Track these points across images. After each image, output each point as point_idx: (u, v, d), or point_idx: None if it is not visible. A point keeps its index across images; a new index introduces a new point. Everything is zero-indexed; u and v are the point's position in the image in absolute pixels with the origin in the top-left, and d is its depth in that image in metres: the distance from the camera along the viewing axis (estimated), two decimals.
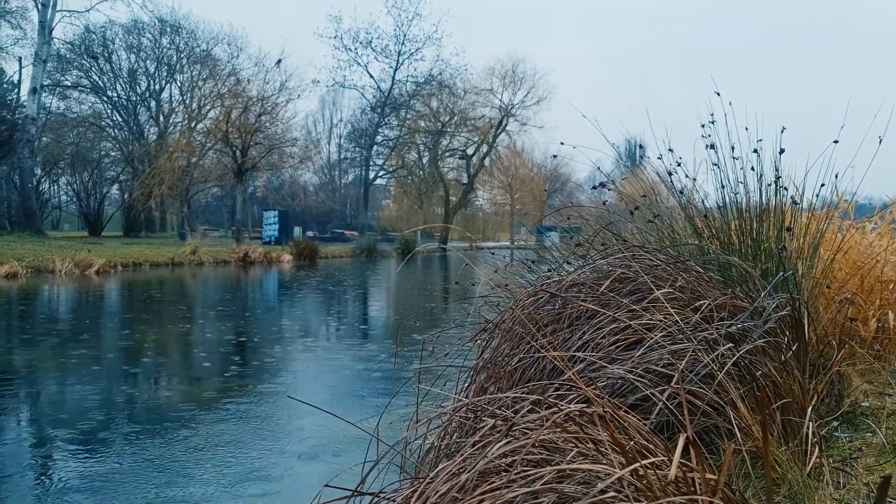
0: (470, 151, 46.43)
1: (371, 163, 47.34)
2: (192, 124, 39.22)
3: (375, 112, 45.63)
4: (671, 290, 2.56)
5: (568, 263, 3.55)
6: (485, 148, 45.79)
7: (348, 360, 6.80)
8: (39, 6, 34.51)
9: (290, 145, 33.71)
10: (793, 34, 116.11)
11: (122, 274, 18.37)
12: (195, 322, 9.97)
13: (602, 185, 3.77)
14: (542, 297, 2.79)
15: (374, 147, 46.48)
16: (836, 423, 3.19)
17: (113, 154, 45.27)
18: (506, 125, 45.69)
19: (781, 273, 2.71)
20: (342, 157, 63.00)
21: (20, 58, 40.61)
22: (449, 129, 44.49)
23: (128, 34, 44.63)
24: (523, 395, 1.81)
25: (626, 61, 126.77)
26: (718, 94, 3.78)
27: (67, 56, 42.43)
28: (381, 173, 50.67)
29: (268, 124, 32.05)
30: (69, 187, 46.56)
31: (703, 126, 4.37)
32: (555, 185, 63.87)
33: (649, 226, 3.92)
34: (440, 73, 44.40)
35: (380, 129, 46.10)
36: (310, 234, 44.16)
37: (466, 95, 44.67)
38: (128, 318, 10.36)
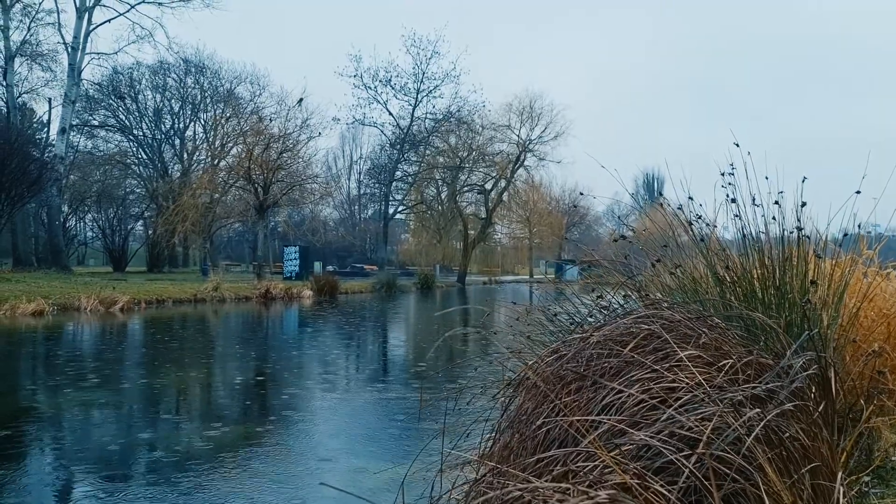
0: (488, 186, 46.65)
1: (390, 198, 47.72)
2: (215, 162, 39.85)
3: (395, 148, 46.13)
4: (695, 349, 2.56)
5: (590, 315, 3.56)
6: (503, 183, 45.99)
7: (370, 404, 6.80)
8: (69, 49, 35.50)
9: (311, 182, 34.05)
10: (800, 66, 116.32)
11: (145, 311, 18.55)
12: (216, 364, 10.04)
13: (623, 237, 3.77)
14: (565, 355, 2.80)
15: (394, 183, 46.88)
16: (867, 479, 3.15)
17: (138, 191, 46.09)
18: (523, 160, 45.94)
19: (807, 332, 2.69)
20: (362, 192, 63.60)
21: (50, 98, 41.72)
22: (467, 165, 44.80)
23: (154, 75, 45.77)
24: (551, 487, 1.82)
25: (638, 93, 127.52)
26: (738, 146, 3.81)
27: (95, 96, 43.54)
28: (401, 208, 51.00)
29: (289, 161, 32.45)
30: (95, 223, 47.37)
31: (722, 174, 4.40)
32: (573, 218, 63.87)
33: (666, 264, 3.94)
34: (458, 110, 44.92)
35: (399, 165, 46.55)
36: (330, 268, 44.42)
37: (484, 131, 45.09)
38: (150, 359, 10.45)
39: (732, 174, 3.75)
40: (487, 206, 46.81)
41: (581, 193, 59.33)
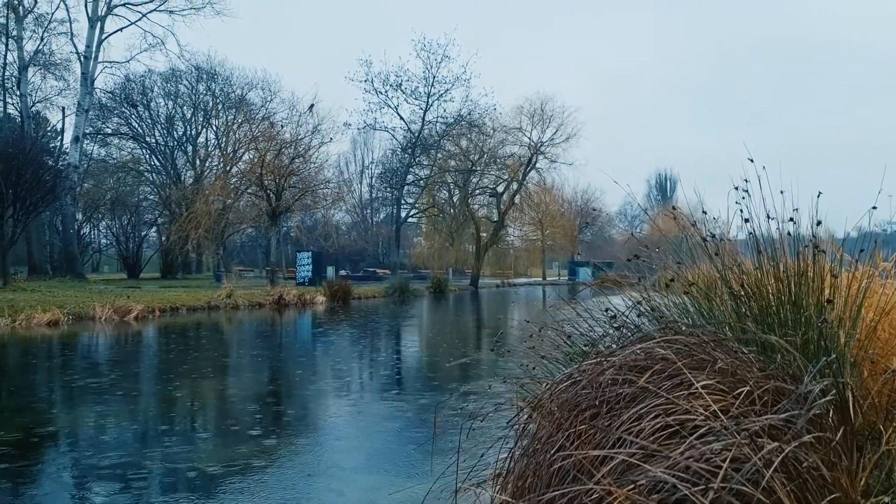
0: (500, 189, 46.59)
1: (402, 202, 47.77)
2: (227, 167, 40.05)
3: (406, 153, 46.17)
4: (711, 375, 2.53)
5: (605, 335, 3.54)
6: (515, 186, 45.90)
7: (385, 418, 6.79)
8: (82, 59, 35.79)
9: (323, 187, 34.14)
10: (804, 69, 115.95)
11: (159, 319, 18.65)
12: (228, 375, 10.07)
13: (636, 256, 3.74)
14: (579, 381, 2.78)
15: (406, 187, 46.94)
16: (886, 500, 3.10)
17: (151, 198, 46.40)
18: (535, 163, 45.81)
19: (824, 359, 2.65)
20: (374, 196, 63.73)
21: (63, 107, 42.10)
22: (479, 168, 44.75)
23: (165, 82, 46.13)
24: None
25: (646, 95, 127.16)
26: (752, 161, 3.77)
27: (108, 104, 43.89)
28: (413, 212, 51.06)
29: (301, 167, 32.56)
30: (109, 231, 47.75)
31: (736, 188, 4.35)
32: (586, 220, 63.70)
33: (680, 282, 3.90)
34: (469, 114, 44.89)
35: (411, 169, 46.60)
36: (342, 272, 44.52)
37: (496, 134, 45.02)
38: (161, 371, 10.49)
39: (746, 192, 3.71)
40: (499, 209, 46.74)
41: (594, 209, 59.21)
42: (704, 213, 4.29)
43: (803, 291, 3.73)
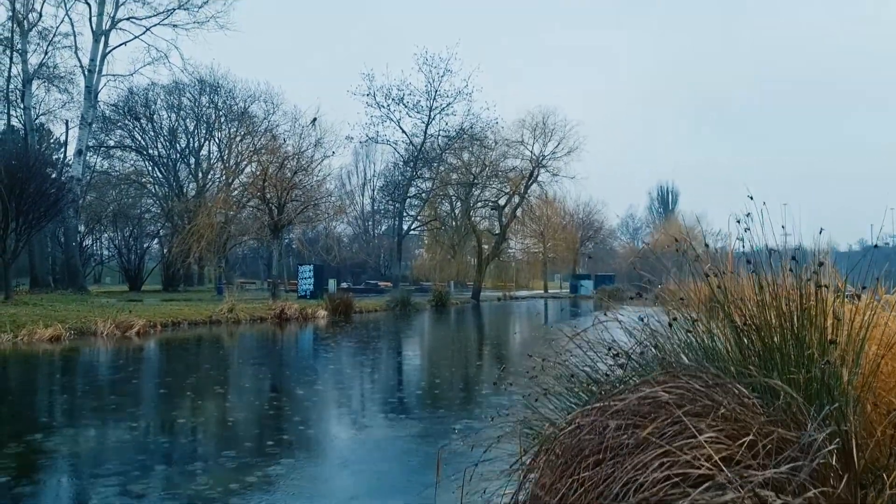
0: (502, 202, 46.66)
1: (404, 214, 47.83)
2: (230, 179, 40.17)
3: (408, 166, 46.28)
4: (714, 422, 2.53)
5: (608, 374, 3.54)
6: (516, 199, 45.97)
7: (386, 445, 6.77)
8: (86, 72, 36.00)
9: (325, 200, 34.21)
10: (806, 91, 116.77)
11: (161, 333, 18.65)
12: (228, 395, 10.06)
13: (639, 294, 3.74)
14: (583, 427, 2.78)
15: (407, 200, 47.02)
16: None
17: (153, 210, 46.53)
18: (537, 176, 45.91)
19: (827, 407, 2.65)
20: (376, 208, 63.83)
21: (67, 120, 42.31)
22: (480, 181, 44.84)
23: (169, 94, 46.38)
24: None
25: (644, 108, 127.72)
26: (752, 198, 3.78)
27: (112, 117, 44.10)
28: (415, 224, 51.11)
29: (303, 180, 32.64)
30: (111, 243, 47.87)
31: (738, 222, 4.36)
32: (588, 232, 63.77)
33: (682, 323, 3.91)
34: (471, 127, 45.02)
35: (413, 182, 46.68)
36: (344, 285, 44.55)
37: (497, 147, 45.16)
38: (161, 389, 10.48)
39: (747, 229, 3.72)
40: (501, 222, 46.80)
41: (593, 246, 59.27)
42: (707, 245, 4.30)
43: (806, 327, 3.74)
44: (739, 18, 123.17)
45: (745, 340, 3.84)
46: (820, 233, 3.80)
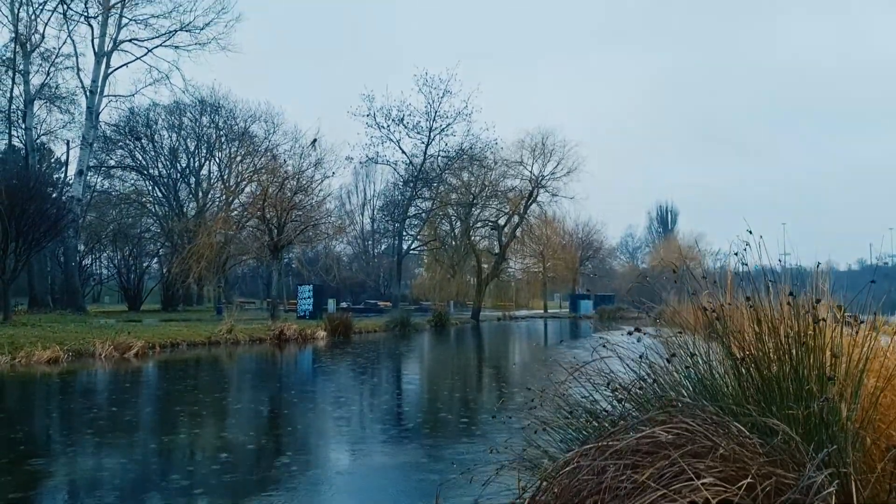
0: (501, 222, 46.72)
1: (404, 234, 47.86)
2: (230, 199, 40.24)
3: (408, 186, 46.37)
4: (713, 463, 2.52)
5: (611, 406, 3.53)
6: (516, 219, 46.04)
7: (384, 473, 6.74)
8: (87, 93, 36.21)
9: (324, 221, 34.26)
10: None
11: (160, 355, 18.59)
12: (225, 419, 10.01)
13: (638, 329, 3.74)
14: (582, 467, 2.76)
15: (407, 220, 47.07)
16: None
17: (153, 229, 46.56)
18: (536, 196, 46.00)
19: (825, 451, 2.64)
20: (375, 227, 63.89)
21: (68, 140, 42.47)
22: (480, 201, 44.92)
23: (169, 114, 46.57)
24: None
25: (643, 128, 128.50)
26: (750, 232, 3.80)
27: (112, 137, 44.25)
28: (414, 244, 51.13)
29: (303, 201, 32.71)
30: (110, 262, 47.85)
31: (735, 254, 4.37)
32: (587, 252, 63.78)
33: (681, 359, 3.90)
34: (471, 147, 45.17)
35: (412, 202, 46.76)
36: (343, 304, 44.47)
37: (497, 167, 45.27)
38: (159, 414, 10.43)
39: (745, 264, 3.73)
40: (501, 242, 46.84)
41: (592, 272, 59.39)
42: (705, 277, 4.31)
43: (804, 362, 3.73)
44: (740, 41, 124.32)
45: (744, 371, 3.84)
46: (817, 266, 3.80)
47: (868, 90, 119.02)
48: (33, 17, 36.75)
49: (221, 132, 47.40)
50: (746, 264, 3.84)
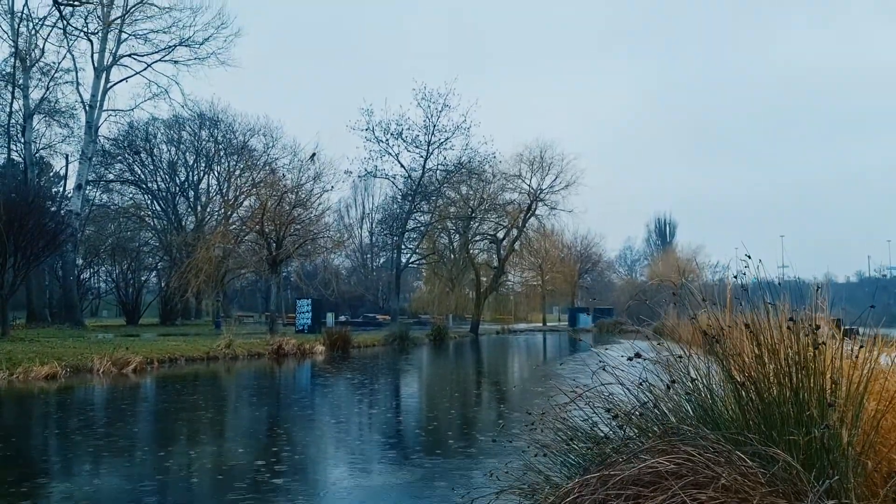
0: (500, 235, 46.77)
1: (403, 247, 47.86)
2: (229, 213, 40.25)
3: (407, 200, 46.41)
4: (715, 494, 2.51)
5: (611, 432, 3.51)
6: (514, 232, 46.10)
7: (383, 490, 6.70)
8: (87, 107, 36.30)
9: (323, 236, 34.27)
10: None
11: (158, 370, 18.54)
12: (221, 438, 9.98)
13: (638, 355, 3.73)
14: (583, 497, 2.75)
15: (406, 233, 47.08)
16: None
17: (152, 243, 46.53)
18: (535, 209, 46.09)
19: (827, 482, 2.63)
20: (374, 241, 63.89)
21: (67, 154, 42.54)
22: (478, 215, 44.97)
23: (169, 128, 46.69)
24: None
25: (640, 138, 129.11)
26: (749, 257, 3.80)
27: (112, 151, 44.32)
28: (413, 257, 51.11)
29: (302, 214, 32.73)
30: (108, 276, 47.80)
31: (734, 277, 4.37)
32: (586, 265, 63.81)
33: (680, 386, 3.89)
34: (469, 161, 45.25)
35: (411, 216, 46.78)
36: (342, 318, 44.40)
37: (495, 181, 45.35)
38: (154, 433, 10.39)
39: (744, 288, 3.73)
40: (499, 255, 46.87)
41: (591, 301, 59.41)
42: (705, 306, 4.31)
43: (804, 386, 3.72)
44: (739, 51, 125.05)
45: (745, 395, 3.83)
46: (816, 290, 3.80)
47: (865, 97, 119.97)
48: (33, 32, 36.93)
49: (220, 146, 47.51)
50: (746, 287, 3.83)
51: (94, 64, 36.75)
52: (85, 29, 36.64)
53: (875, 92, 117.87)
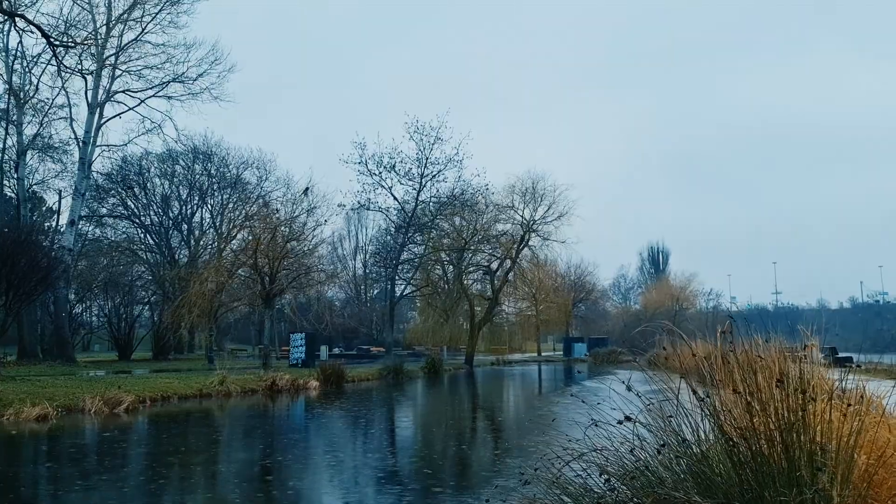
0: (493, 266, 46.79)
1: (397, 279, 47.76)
2: (222, 247, 40.23)
3: (400, 232, 46.44)
4: None
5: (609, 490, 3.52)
6: (508, 263, 46.15)
7: None
8: (80, 143, 36.42)
9: (316, 270, 34.25)
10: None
11: (150, 409, 18.37)
12: (218, 475, 9.88)
13: (628, 418, 3.75)
14: None
15: (399, 265, 47.04)
16: None
17: (145, 277, 46.36)
18: (528, 240, 46.21)
19: None
20: (368, 272, 63.78)
21: (60, 190, 42.58)
22: (472, 246, 45.04)
23: (162, 162, 46.76)
24: None
25: (631, 170, 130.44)
26: (732, 319, 3.84)
27: (105, 186, 44.34)
28: (407, 289, 50.98)
29: (295, 247, 32.74)
30: (101, 311, 47.54)
31: (723, 332, 4.41)
32: (580, 294, 63.81)
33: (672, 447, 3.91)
34: (462, 193, 45.36)
35: (405, 248, 46.77)
36: (336, 350, 44.17)
37: (488, 212, 45.50)
38: (145, 479, 10.27)
39: (731, 343, 3.77)
40: (493, 286, 46.88)
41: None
42: (696, 357, 4.34)
43: (794, 443, 3.75)
44: (729, 82, 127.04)
45: (736, 455, 3.84)
46: (803, 348, 3.84)
47: (844, 131, 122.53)
48: (27, 69, 37.16)
49: (214, 179, 47.61)
50: (733, 345, 3.87)
51: (87, 100, 36.99)
52: (79, 67, 36.92)
53: (850, 124, 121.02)
